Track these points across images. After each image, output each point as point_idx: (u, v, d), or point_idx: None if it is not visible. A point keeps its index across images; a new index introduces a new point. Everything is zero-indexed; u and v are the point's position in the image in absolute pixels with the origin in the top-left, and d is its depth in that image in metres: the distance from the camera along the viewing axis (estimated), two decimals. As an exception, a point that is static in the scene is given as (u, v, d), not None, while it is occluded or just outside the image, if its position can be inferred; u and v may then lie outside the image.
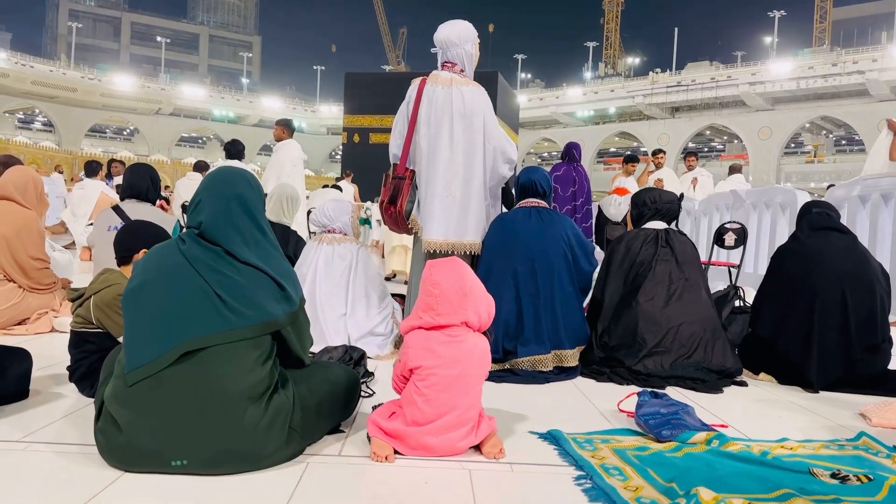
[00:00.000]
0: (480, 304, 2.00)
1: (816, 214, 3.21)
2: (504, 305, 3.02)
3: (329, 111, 59.67)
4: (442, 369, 1.90)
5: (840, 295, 2.93)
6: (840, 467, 1.91)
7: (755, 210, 5.67)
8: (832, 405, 2.72)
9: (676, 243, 3.23)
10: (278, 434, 1.73)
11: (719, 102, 46.42)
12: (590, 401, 2.64)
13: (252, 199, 1.87)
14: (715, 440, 2.08)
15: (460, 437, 1.91)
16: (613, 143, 54.32)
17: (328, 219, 3.42)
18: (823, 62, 42.80)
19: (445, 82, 3.15)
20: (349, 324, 3.22)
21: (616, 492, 1.69)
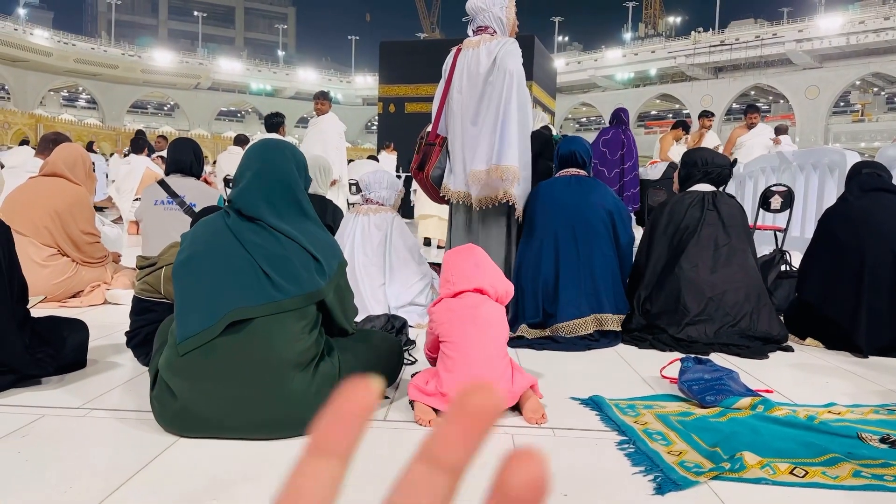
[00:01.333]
0: (495, 279, 2.13)
1: (867, 175, 3.11)
2: (544, 268, 3.06)
3: (364, 81, 59.56)
4: (459, 323, 2.01)
5: (891, 258, 2.86)
6: (890, 432, 1.88)
7: (802, 172, 5.51)
8: (882, 370, 2.67)
9: (723, 206, 3.15)
10: (326, 400, 1.77)
11: (764, 61, 44.88)
12: (632, 367, 2.64)
13: (288, 168, 1.90)
14: (760, 405, 2.07)
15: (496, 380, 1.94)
16: (655, 105, 53.11)
17: (377, 184, 3.44)
18: (875, 16, 40.89)
19: (474, 45, 3.16)
20: (388, 293, 3.26)
21: (659, 456, 1.70)
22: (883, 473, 1.61)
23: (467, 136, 3.13)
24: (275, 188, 1.84)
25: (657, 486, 1.53)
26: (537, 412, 1.95)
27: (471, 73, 3.13)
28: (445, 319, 2.06)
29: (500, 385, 1.97)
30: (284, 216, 1.83)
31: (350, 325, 1.94)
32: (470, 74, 3.13)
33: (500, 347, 2.05)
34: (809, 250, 3.18)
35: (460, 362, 1.98)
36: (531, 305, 3.06)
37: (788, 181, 5.40)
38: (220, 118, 58.29)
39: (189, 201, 3.69)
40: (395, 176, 3.68)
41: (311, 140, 6.95)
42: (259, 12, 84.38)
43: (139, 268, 2.42)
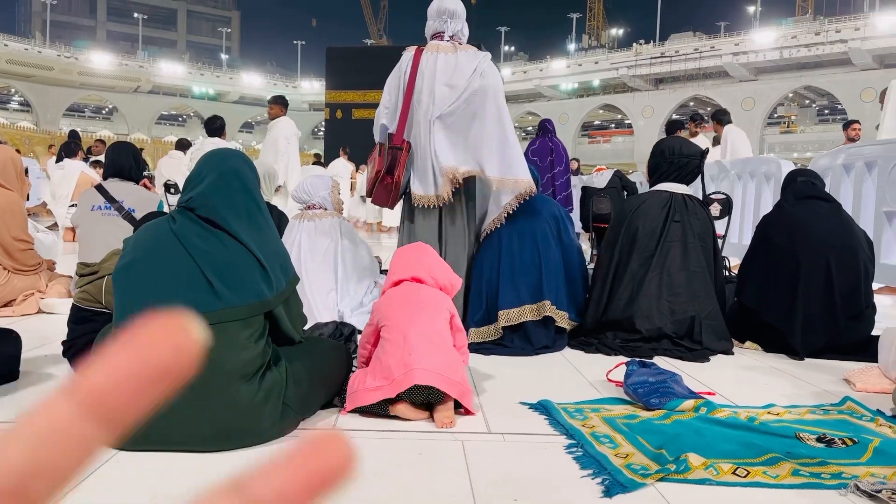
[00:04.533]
0: (434, 268, 2.30)
1: (801, 183, 3.23)
2: (486, 269, 3.13)
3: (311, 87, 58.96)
4: (397, 305, 2.13)
5: (824, 263, 2.97)
6: (826, 431, 1.95)
7: (739, 180, 5.70)
8: (817, 371, 2.77)
9: (688, 217, 3.14)
10: (273, 410, 1.74)
11: (703, 73, 46.34)
12: (579, 371, 2.68)
13: (249, 175, 1.88)
14: (703, 407, 2.12)
15: (442, 364, 1.97)
16: (598, 115, 54.17)
17: (308, 195, 3.41)
18: (806, 31, 42.75)
19: (448, 49, 3.14)
20: (340, 299, 3.23)
21: (607, 459, 1.72)
22: (820, 472, 1.67)
23: (439, 140, 3.09)
24: (236, 192, 1.81)
25: (605, 488, 1.55)
26: (448, 418, 1.93)
27: (450, 78, 3.08)
28: (384, 305, 2.18)
29: (440, 367, 1.98)
30: (244, 221, 1.79)
31: (297, 335, 1.91)
32: (450, 80, 3.08)
33: (440, 327, 2.11)
34: (747, 256, 3.28)
35: (399, 342, 2.01)
36: (476, 306, 3.08)
37: (727, 189, 5.58)
38: (161, 122, 56.83)
39: (128, 206, 3.57)
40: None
41: (265, 145, 6.91)
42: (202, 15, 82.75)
43: (79, 275, 2.33)
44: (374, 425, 1.93)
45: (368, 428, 1.91)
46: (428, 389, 1.96)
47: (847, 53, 39.93)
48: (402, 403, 1.96)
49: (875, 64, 39.73)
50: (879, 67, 39.49)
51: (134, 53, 59.67)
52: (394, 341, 2.03)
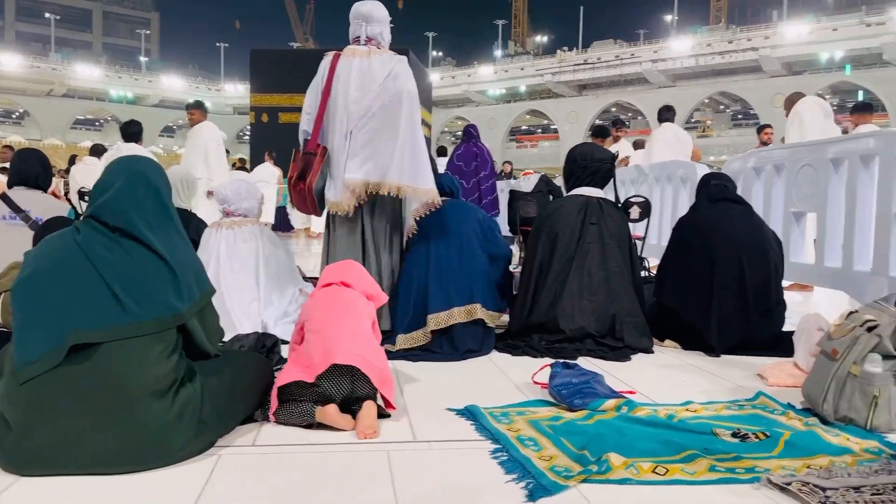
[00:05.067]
0: (363, 278, 2.39)
1: (714, 186, 3.36)
2: (416, 275, 3.13)
3: (235, 90, 57.67)
4: (322, 304, 2.20)
5: (737, 263, 3.09)
6: (740, 426, 2.02)
7: (658, 183, 5.89)
8: (733, 367, 2.87)
9: (604, 219, 3.22)
10: (187, 428, 1.67)
11: (624, 80, 47.79)
12: (506, 374, 2.69)
13: (158, 182, 1.80)
14: (624, 406, 2.16)
15: (363, 349, 2.03)
16: (525, 120, 55.09)
17: (237, 196, 3.31)
18: (720, 40, 44.74)
19: (363, 54, 3.10)
20: (264, 309, 3.15)
21: (531, 462, 1.73)
22: (735, 466, 1.72)
23: (354, 146, 3.05)
24: (146, 199, 1.73)
25: (529, 493, 1.55)
26: (369, 428, 1.90)
27: (363, 83, 3.05)
28: (310, 305, 2.25)
29: (362, 351, 2.02)
30: (154, 229, 1.71)
31: (214, 348, 1.84)
32: (362, 84, 3.05)
33: (364, 326, 2.17)
34: (665, 257, 3.39)
35: (322, 334, 2.05)
36: (404, 312, 3.08)
37: (646, 192, 5.76)
38: (76, 127, 54.44)
39: (35, 216, 3.40)
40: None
41: (187, 151, 6.73)
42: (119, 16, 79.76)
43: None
44: (296, 439, 1.88)
45: (290, 442, 1.86)
46: (351, 382, 1.96)
47: (758, 61, 42.00)
48: (329, 406, 1.93)
49: (784, 71, 41.93)
50: (788, 74, 41.70)
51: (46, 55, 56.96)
52: (317, 333, 2.08)
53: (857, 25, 39.26)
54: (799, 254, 4.12)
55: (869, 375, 2.03)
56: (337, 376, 1.96)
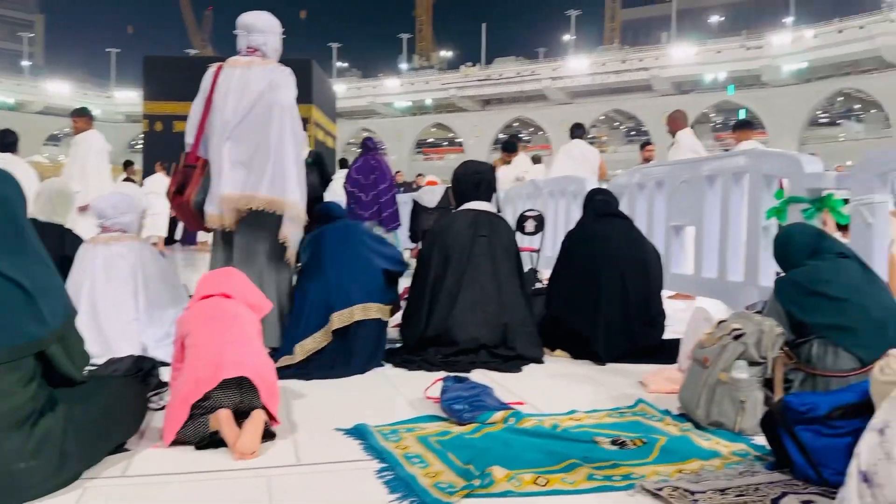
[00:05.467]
0: (245, 287, 2.30)
1: (599, 202, 3.51)
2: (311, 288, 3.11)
3: (127, 97, 54.99)
4: (203, 315, 2.12)
5: (619, 275, 3.23)
6: (620, 433, 2.09)
7: (552, 198, 6.08)
8: (617, 375, 2.98)
9: (493, 232, 3.29)
10: (48, 461, 1.56)
11: (525, 96, 49.13)
12: (398, 390, 2.68)
13: (13, 200, 1.67)
14: (511, 418, 2.19)
15: (254, 361, 1.99)
16: (431, 133, 55.51)
17: (114, 210, 3.14)
18: (614, 59, 46.84)
19: (244, 64, 3.03)
20: (143, 330, 3.00)
21: (415, 480, 1.72)
22: (612, 474, 1.78)
23: (229, 159, 2.97)
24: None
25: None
26: (248, 449, 1.85)
27: (240, 95, 2.98)
28: (189, 317, 2.15)
29: (252, 361, 1.98)
30: (7, 253, 1.58)
31: (79, 374, 1.72)
32: (239, 96, 2.98)
33: (249, 334, 2.12)
34: (555, 270, 3.49)
35: (206, 347, 1.98)
36: (297, 325, 3.03)
37: (540, 207, 5.92)
38: (-52, 134, 50.34)
39: None
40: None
41: (69, 162, 6.33)
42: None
43: None
44: (170, 468, 1.79)
45: (164, 471, 1.77)
46: (240, 395, 1.92)
47: (649, 80, 44.23)
48: (222, 412, 1.88)
49: (673, 90, 44.36)
50: (677, 93, 44.13)
51: (-88, 56, 52.51)
52: (201, 346, 2.00)
53: (739, 49, 42.14)
54: (679, 265, 4.34)
55: (736, 382, 2.15)
56: (225, 388, 1.92)
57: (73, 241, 3.32)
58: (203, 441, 1.88)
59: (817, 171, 3.35)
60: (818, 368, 2.22)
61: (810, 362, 2.24)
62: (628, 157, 39.36)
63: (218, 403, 1.90)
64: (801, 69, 39.95)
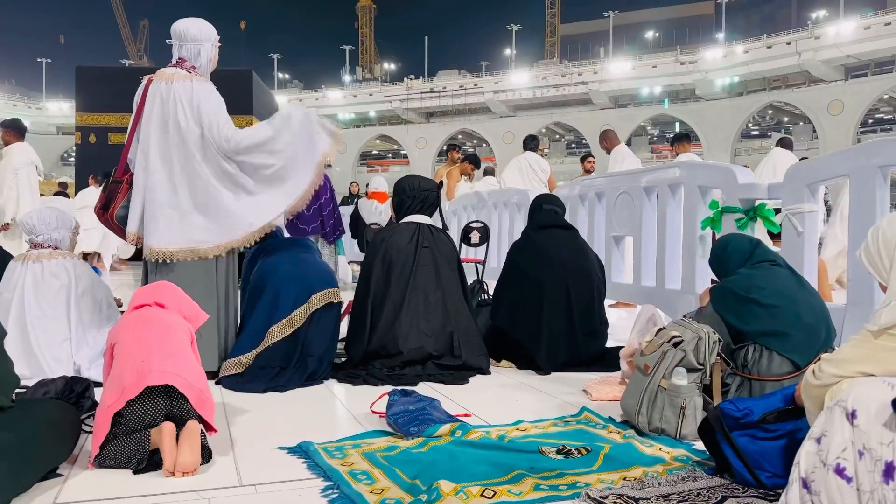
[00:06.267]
0: (179, 298, 2.27)
1: (545, 212, 3.54)
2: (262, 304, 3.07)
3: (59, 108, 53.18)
4: (131, 324, 2.09)
5: (564, 286, 3.28)
6: (565, 442, 2.10)
7: (496, 209, 6.14)
8: (561, 384, 3.01)
9: (435, 243, 3.32)
10: (-32, 491, 1.48)
11: (469, 109, 49.62)
12: (344, 405, 2.65)
13: None
14: (458, 430, 2.18)
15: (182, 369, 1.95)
16: (375, 145, 55.41)
17: (45, 226, 3.02)
18: (554, 73, 47.81)
19: (168, 78, 2.94)
20: (76, 350, 2.88)
21: (362, 497, 1.70)
22: (558, 483, 1.79)
23: (153, 179, 2.89)
24: None
25: (357, 529, 1.52)
26: (189, 465, 1.80)
27: (163, 112, 2.89)
28: (119, 326, 2.12)
29: (179, 369, 1.93)
30: None
31: (6, 399, 1.64)
32: (162, 112, 2.89)
33: (181, 340, 2.07)
34: (500, 281, 3.51)
35: (132, 355, 1.93)
36: (255, 328, 3.01)
37: (485, 218, 5.97)
38: None
39: None
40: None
41: (1, 177, 6.06)
42: (-82, 23, 71.27)
43: None
44: (105, 492, 1.72)
45: (99, 497, 1.69)
46: (168, 402, 1.89)
47: (588, 94, 45.27)
48: (166, 424, 1.84)
49: (611, 103, 45.51)
50: (614, 107, 45.30)
51: None
52: (127, 354, 1.95)
53: (673, 63, 43.57)
54: (620, 274, 4.43)
55: (676, 388, 2.20)
56: (152, 397, 1.87)
57: (2, 258, 3.17)
58: (141, 464, 1.82)
59: (750, 182, 3.47)
60: (754, 373, 2.30)
61: (746, 367, 2.31)
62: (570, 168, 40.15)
63: (145, 416, 1.86)
64: (732, 83, 41.61)
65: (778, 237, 3.49)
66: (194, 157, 2.89)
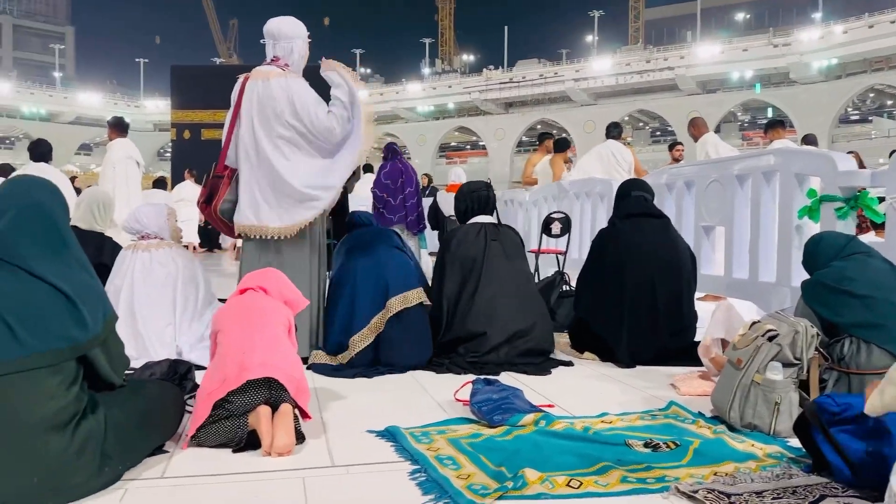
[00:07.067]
0: (283, 284, 2.37)
1: (634, 199, 3.45)
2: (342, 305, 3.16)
3: (155, 106, 55.96)
4: (234, 312, 2.19)
5: (650, 280, 3.19)
6: (652, 436, 2.07)
7: (578, 200, 6.05)
8: (647, 378, 2.96)
9: (503, 237, 3.36)
10: (89, 462, 1.60)
11: (548, 98, 48.97)
12: (428, 393, 2.69)
13: (52, 207, 1.72)
14: (542, 420, 2.19)
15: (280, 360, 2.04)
16: (454, 137, 55.60)
17: (140, 224, 3.21)
18: (638, 59, 46.49)
19: (265, 76, 3.05)
20: (179, 335, 3.05)
21: (448, 481, 1.73)
22: (646, 477, 1.77)
23: (258, 172, 3.02)
24: (39, 229, 1.65)
25: (445, 513, 1.55)
26: (285, 447, 1.89)
27: (263, 108, 2.99)
28: (222, 313, 2.24)
29: (277, 361, 2.02)
30: (49, 260, 1.63)
31: (118, 378, 1.76)
32: (262, 109, 2.99)
33: (278, 332, 2.16)
34: (582, 271, 3.47)
35: (234, 344, 2.03)
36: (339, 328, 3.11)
37: (567, 208, 5.90)
38: (-15, 145, 51.60)
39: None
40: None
41: (102, 170, 6.59)
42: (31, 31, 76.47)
43: None
44: (207, 469, 1.82)
45: (202, 472, 1.80)
46: (268, 391, 1.97)
47: (674, 80, 43.80)
48: (263, 408, 1.93)
49: (699, 89, 43.89)
50: (702, 92, 43.67)
51: (-51, 70, 53.96)
52: (229, 344, 2.06)
53: (766, 46, 41.54)
54: (709, 266, 4.29)
55: (771, 383, 2.13)
56: (253, 388, 1.97)
57: (112, 249, 3.39)
58: (240, 443, 1.92)
59: (851, 169, 3.29)
60: (852, 367, 2.20)
61: (843, 361, 2.22)
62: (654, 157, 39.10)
63: (246, 403, 1.95)
64: (830, 65, 39.27)
65: (881, 227, 3.30)
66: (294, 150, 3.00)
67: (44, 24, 77.42)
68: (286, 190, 3.00)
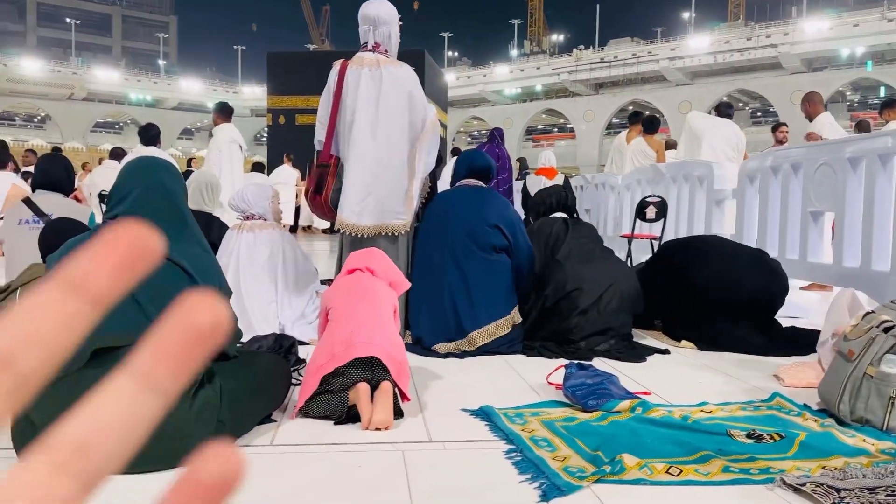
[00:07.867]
0: (388, 266, 2.44)
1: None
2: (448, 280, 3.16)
3: (252, 92, 58.10)
4: (344, 290, 2.27)
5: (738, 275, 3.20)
6: (755, 427, 2.01)
7: (675, 183, 5.85)
8: (749, 368, 2.86)
9: (579, 227, 3.48)
10: (206, 429, 1.71)
11: (641, 78, 47.48)
12: (520, 375, 2.70)
13: (173, 187, 1.84)
14: (638, 407, 2.16)
15: (384, 340, 2.09)
16: (541, 120, 54.92)
17: (246, 204, 3.36)
18: (738, 36, 44.31)
19: (372, 63, 3.08)
20: (281, 311, 3.19)
21: (545, 462, 1.74)
22: (749, 467, 1.72)
23: (365, 163, 3.06)
24: (163, 208, 1.77)
25: (542, 493, 1.57)
26: (384, 423, 1.95)
27: (370, 96, 3.02)
28: (333, 291, 2.33)
29: (382, 341, 2.08)
30: (172, 238, 1.75)
31: (232, 349, 1.87)
32: (369, 97, 3.03)
33: (386, 313, 2.22)
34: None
35: (344, 322, 2.11)
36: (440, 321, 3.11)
37: (662, 192, 5.72)
38: (96, 130, 55.07)
39: (57, 220, 3.46)
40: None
41: (208, 154, 6.95)
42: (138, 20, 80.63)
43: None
44: (312, 439, 1.91)
45: (307, 442, 1.89)
46: (370, 370, 2.03)
47: (777, 57, 41.51)
48: (362, 385, 1.99)
49: (804, 67, 41.43)
50: (808, 71, 41.21)
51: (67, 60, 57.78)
52: (339, 321, 2.13)
53: (879, 21, 38.69)
54: (817, 253, 4.08)
55: (885, 376, 2.02)
56: (358, 366, 2.04)
57: (219, 229, 3.57)
58: (341, 417, 2.00)
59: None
60: (977, 364, 2.05)
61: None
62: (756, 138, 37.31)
63: (350, 381, 2.01)
64: (953, 39, 36.20)
65: None
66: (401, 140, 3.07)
67: (149, 14, 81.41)
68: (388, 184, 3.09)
